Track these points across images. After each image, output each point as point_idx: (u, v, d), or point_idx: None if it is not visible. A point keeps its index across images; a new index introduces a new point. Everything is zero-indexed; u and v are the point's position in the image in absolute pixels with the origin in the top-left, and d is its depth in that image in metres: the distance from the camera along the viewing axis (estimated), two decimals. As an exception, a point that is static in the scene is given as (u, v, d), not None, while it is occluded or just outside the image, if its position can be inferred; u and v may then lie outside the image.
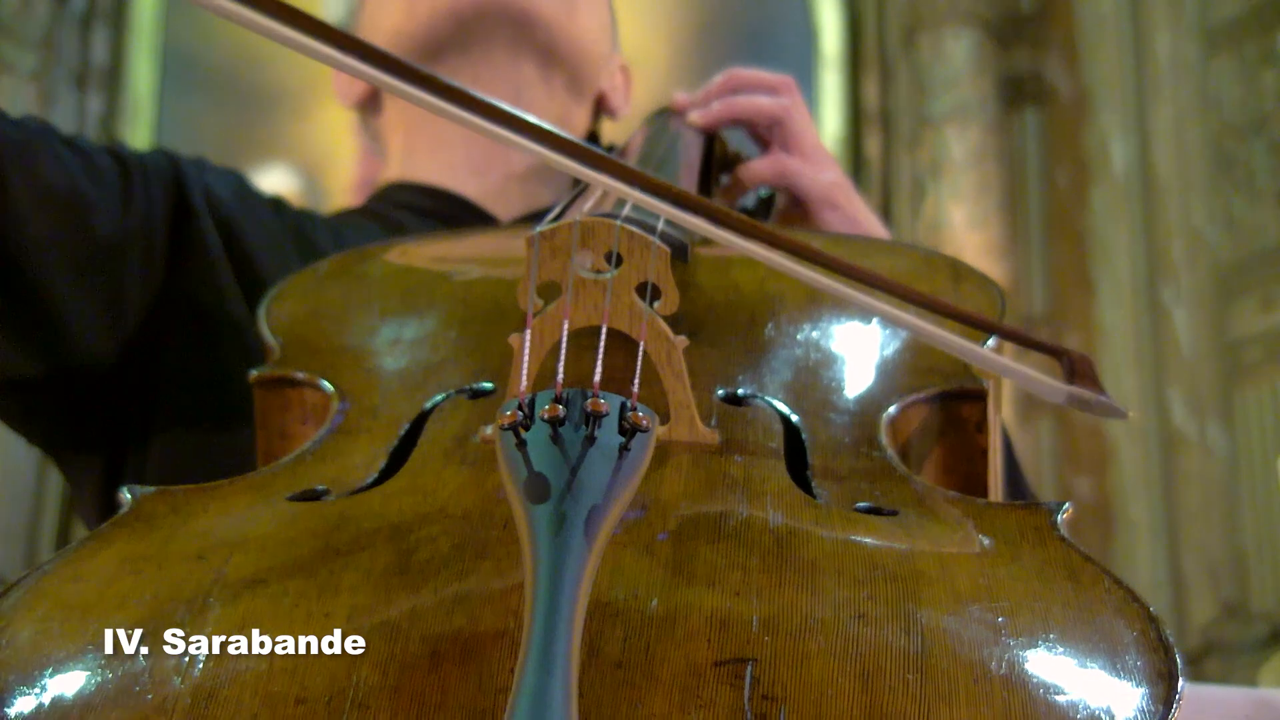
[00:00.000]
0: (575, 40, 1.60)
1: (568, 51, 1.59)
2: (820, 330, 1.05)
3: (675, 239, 1.05)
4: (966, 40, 5.11)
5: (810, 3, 5.51)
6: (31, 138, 1.31)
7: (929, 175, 5.03)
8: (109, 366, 1.35)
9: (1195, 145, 5.00)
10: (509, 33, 1.54)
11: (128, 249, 1.35)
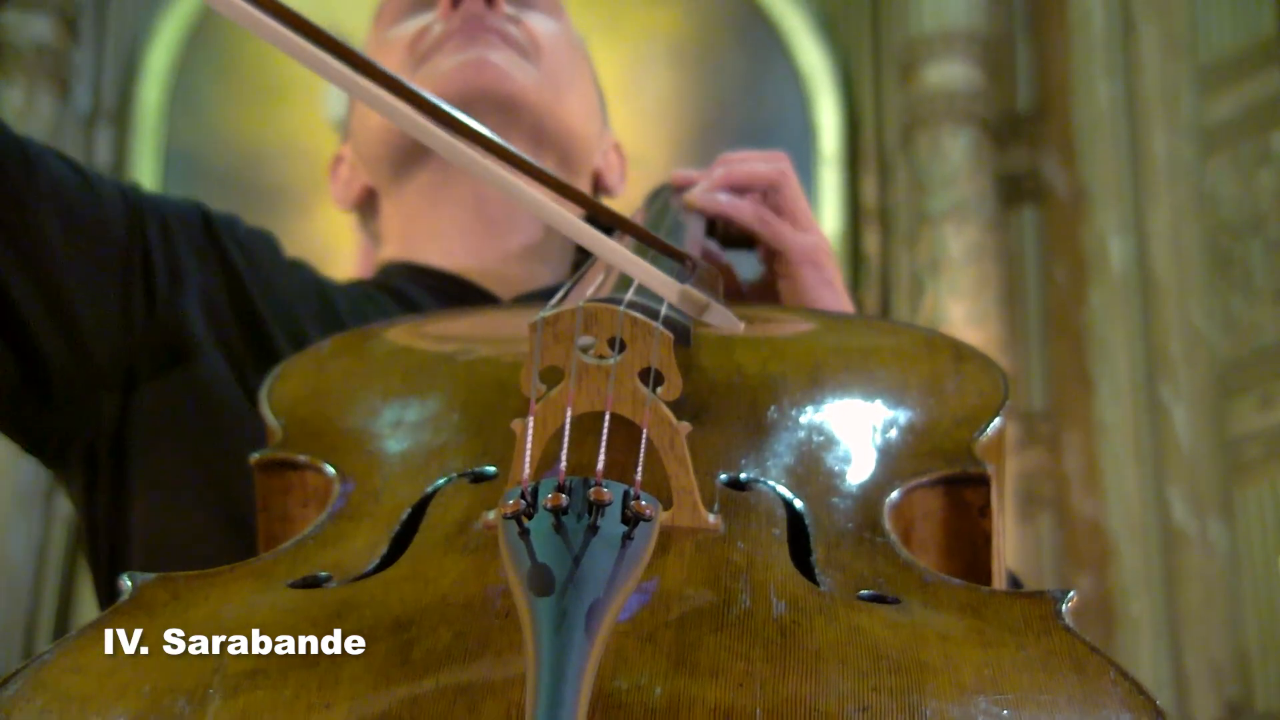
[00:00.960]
0: (563, 122, 1.61)
1: (557, 134, 1.60)
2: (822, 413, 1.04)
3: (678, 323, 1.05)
4: (964, 139, 5.14)
5: (808, 102, 5.55)
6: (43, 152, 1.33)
7: (928, 272, 5.05)
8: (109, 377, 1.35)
9: (1193, 244, 5.02)
10: (496, 119, 1.55)
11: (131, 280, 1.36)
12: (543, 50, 1.63)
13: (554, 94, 1.61)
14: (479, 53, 1.58)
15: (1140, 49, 5.28)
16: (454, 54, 1.58)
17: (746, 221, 1.44)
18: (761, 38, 5.68)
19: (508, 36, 1.61)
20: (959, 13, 5.22)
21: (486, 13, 1.61)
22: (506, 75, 1.58)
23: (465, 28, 1.60)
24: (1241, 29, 5.03)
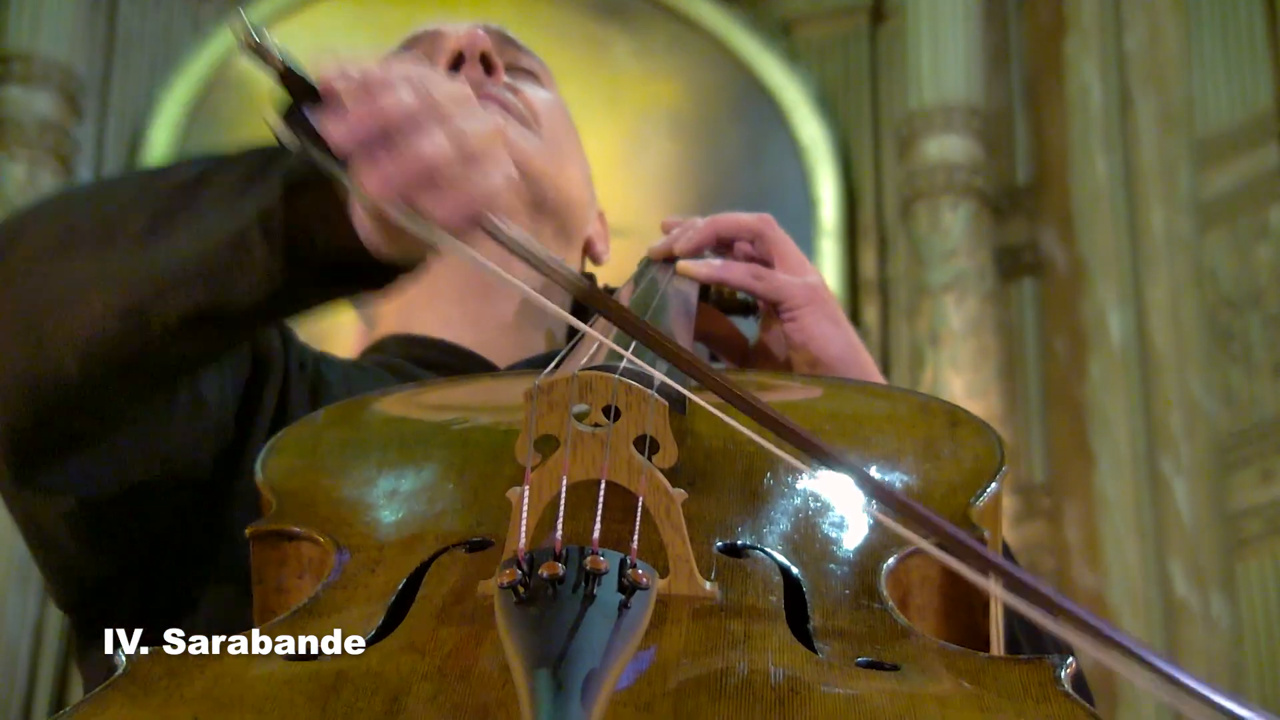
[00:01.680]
0: (563, 190, 1.62)
1: (556, 201, 1.61)
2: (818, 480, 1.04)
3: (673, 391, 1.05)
4: (963, 211, 5.15)
5: (808, 174, 5.57)
6: None
7: (928, 344, 5.05)
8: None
9: (1191, 318, 5.02)
10: None
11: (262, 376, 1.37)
12: (541, 119, 1.63)
13: (555, 162, 1.61)
14: None
15: (1137, 123, 5.30)
16: None
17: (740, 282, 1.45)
18: (761, 110, 5.71)
19: (508, 105, 1.61)
20: (958, 86, 5.24)
21: (486, 81, 1.61)
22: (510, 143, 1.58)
23: None
24: (1238, 104, 5.06)
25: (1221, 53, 5.13)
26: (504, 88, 1.62)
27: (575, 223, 1.64)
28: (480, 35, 1.62)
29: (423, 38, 1.70)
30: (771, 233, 1.48)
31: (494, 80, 1.62)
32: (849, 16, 5.85)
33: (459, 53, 1.61)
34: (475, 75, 1.61)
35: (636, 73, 5.70)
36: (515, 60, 1.69)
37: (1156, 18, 5.34)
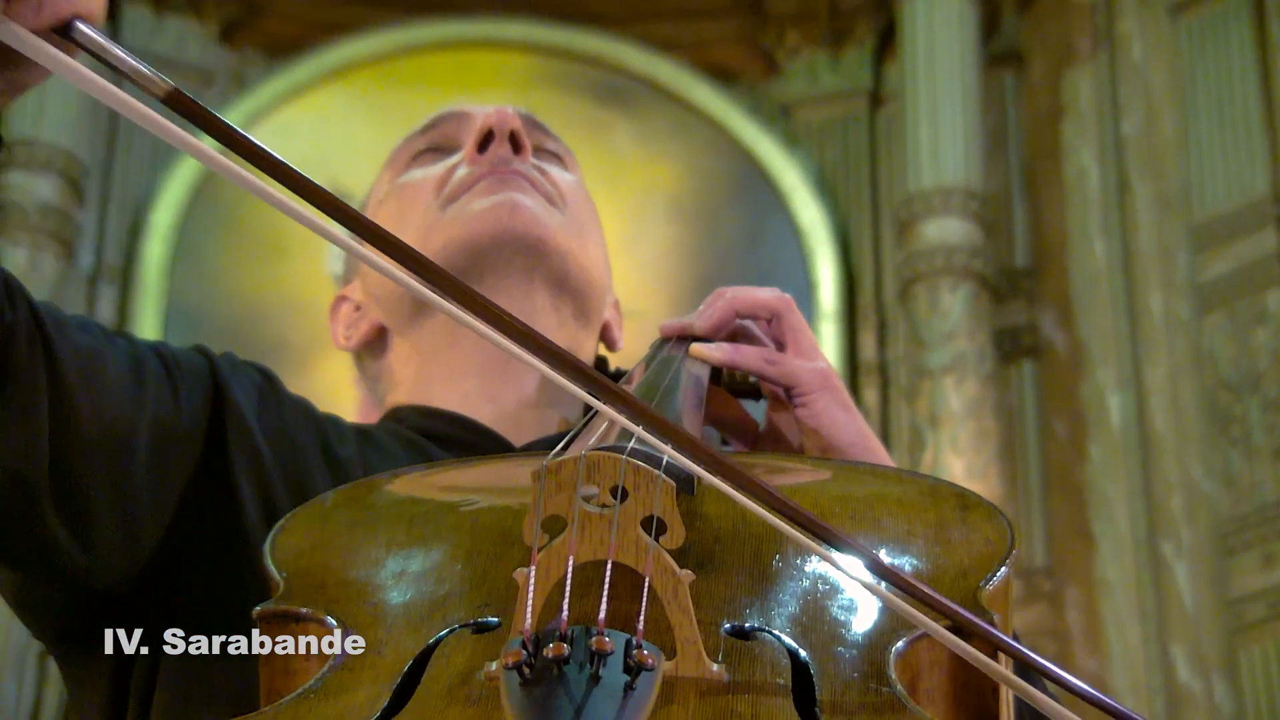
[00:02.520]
0: (585, 270, 1.62)
1: (579, 281, 1.61)
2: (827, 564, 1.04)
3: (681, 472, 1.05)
4: (962, 294, 5.16)
5: (807, 257, 5.58)
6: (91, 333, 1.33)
7: (927, 426, 5.05)
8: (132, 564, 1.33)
9: (1191, 401, 5.02)
10: (524, 262, 1.56)
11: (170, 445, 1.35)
12: (567, 199, 1.64)
13: (579, 241, 1.62)
14: (510, 195, 1.59)
15: (1135, 208, 5.32)
16: (485, 196, 1.60)
17: (753, 367, 1.45)
18: (761, 194, 5.73)
19: (535, 183, 1.62)
20: (956, 170, 5.27)
21: (514, 158, 1.62)
22: (537, 219, 1.59)
23: (494, 171, 1.61)
24: (1235, 189, 5.08)
25: (1218, 138, 5.16)
26: (531, 165, 1.64)
27: (594, 304, 1.64)
28: (509, 114, 1.64)
29: (448, 117, 1.72)
30: (790, 316, 1.49)
31: (521, 159, 1.63)
32: (848, 101, 5.88)
33: (489, 130, 1.63)
34: (504, 153, 1.62)
35: (637, 156, 5.73)
36: (541, 143, 1.70)
37: (1153, 103, 5.37)
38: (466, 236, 1.56)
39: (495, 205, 1.59)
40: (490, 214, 1.58)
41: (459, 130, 1.68)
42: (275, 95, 5.73)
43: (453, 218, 1.59)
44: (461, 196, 1.61)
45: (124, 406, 1.33)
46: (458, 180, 1.63)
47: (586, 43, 5.88)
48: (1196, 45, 5.29)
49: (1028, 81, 5.73)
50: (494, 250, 1.55)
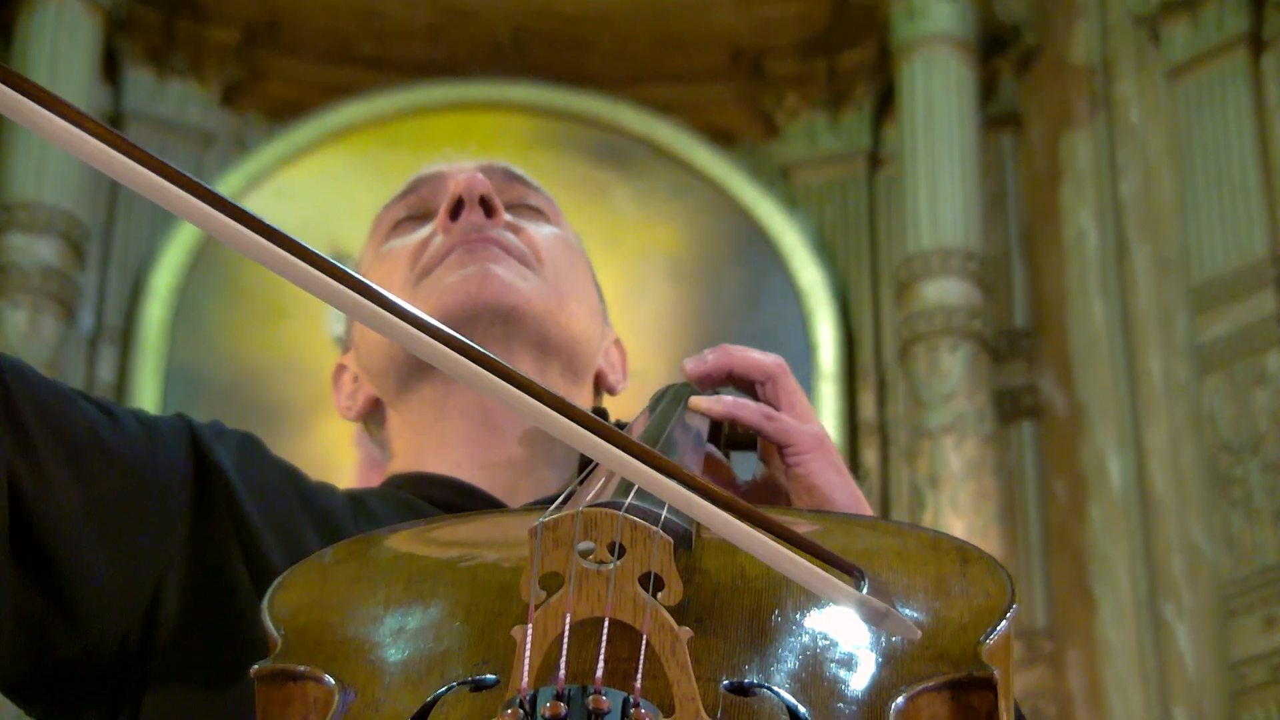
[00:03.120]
0: (566, 329, 1.62)
1: (560, 341, 1.61)
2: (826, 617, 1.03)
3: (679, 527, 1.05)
4: (962, 355, 5.17)
5: (807, 318, 5.59)
6: (60, 390, 1.33)
7: (927, 486, 5.04)
8: (114, 628, 1.33)
9: (1191, 463, 5.02)
10: (501, 331, 1.56)
11: (147, 505, 1.35)
12: (544, 258, 1.64)
13: (557, 302, 1.62)
14: (481, 266, 1.59)
15: (1134, 269, 5.33)
16: (456, 268, 1.59)
17: (753, 422, 1.45)
18: (760, 255, 5.75)
19: (509, 247, 1.61)
20: (955, 231, 5.28)
21: (487, 224, 1.61)
22: (510, 288, 1.58)
23: (466, 240, 1.60)
24: (1233, 251, 5.09)
25: (1216, 201, 5.17)
26: (505, 228, 1.63)
27: (582, 360, 1.64)
28: (479, 180, 1.63)
29: (425, 180, 1.71)
30: (785, 380, 1.48)
31: (494, 223, 1.62)
32: (847, 162, 5.91)
33: (459, 197, 1.63)
34: (476, 219, 1.62)
35: (636, 217, 5.75)
36: (521, 197, 1.70)
37: (1151, 166, 5.39)
38: (440, 311, 1.54)
39: (466, 278, 1.58)
40: (461, 286, 1.57)
41: (436, 193, 1.68)
42: (276, 157, 5.76)
43: (427, 292, 1.59)
44: (435, 269, 1.61)
45: (97, 460, 1.33)
46: (431, 252, 1.62)
47: (586, 104, 5.91)
48: (1194, 108, 5.31)
49: (1026, 143, 5.76)
50: (468, 323, 1.54)
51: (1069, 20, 5.70)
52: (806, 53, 5.94)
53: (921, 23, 5.51)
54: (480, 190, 1.62)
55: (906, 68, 5.53)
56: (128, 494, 1.34)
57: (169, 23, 5.83)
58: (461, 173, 1.67)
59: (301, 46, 5.97)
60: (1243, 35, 5.23)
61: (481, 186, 1.62)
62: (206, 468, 1.42)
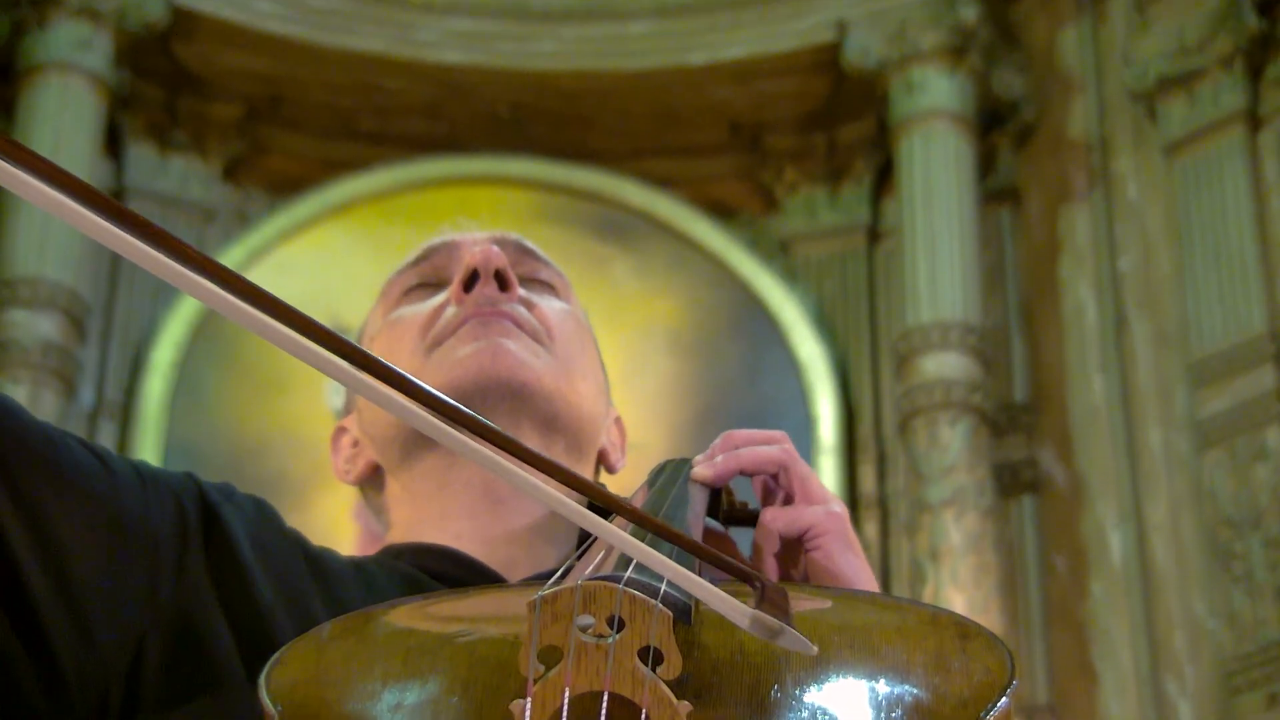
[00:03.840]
0: (574, 407, 1.61)
1: (568, 419, 1.60)
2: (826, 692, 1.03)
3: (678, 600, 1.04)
4: (962, 428, 5.17)
5: (807, 391, 5.59)
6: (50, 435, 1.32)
7: (928, 560, 5.03)
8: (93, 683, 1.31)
9: (1192, 538, 5.01)
10: (510, 407, 1.55)
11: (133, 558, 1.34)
12: (555, 335, 1.63)
13: (566, 380, 1.61)
14: (493, 340, 1.58)
15: (1133, 344, 5.35)
16: (468, 341, 1.59)
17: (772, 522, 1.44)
18: (760, 328, 5.76)
19: (522, 322, 1.61)
20: (954, 305, 5.30)
21: (501, 297, 1.61)
22: (522, 363, 1.58)
23: (479, 313, 1.60)
24: (1232, 326, 5.10)
25: (1215, 275, 5.19)
26: (519, 302, 1.63)
27: (587, 438, 1.63)
28: (495, 253, 1.63)
29: (439, 249, 1.71)
30: (795, 466, 1.47)
31: (508, 297, 1.62)
32: (846, 236, 5.93)
33: (474, 270, 1.62)
34: (490, 293, 1.61)
35: (636, 291, 5.77)
36: (532, 271, 1.69)
37: (1149, 240, 5.42)
38: (450, 383, 1.54)
39: (478, 351, 1.58)
40: (473, 360, 1.57)
41: (449, 262, 1.67)
42: (277, 232, 5.78)
43: (437, 363, 1.58)
44: (446, 340, 1.60)
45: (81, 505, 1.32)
46: (443, 323, 1.62)
47: (587, 179, 5.94)
48: (1191, 184, 5.34)
49: (1025, 218, 5.78)
50: (478, 397, 1.53)
51: (1066, 96, 5.73)
52: (805, 127, 5.98)
53: (920, 98, 5.54)
54: (496, 264, 1.62)
55: (905, 142, 5.56)
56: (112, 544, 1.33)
57: (171, 98, 5.86)
58: (475, 244, 1.66)
59: (303, 122, 6.00)
60: (1239, 112, 5.27)
61: (497, 260, 1.62)
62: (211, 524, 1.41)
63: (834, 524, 1.42)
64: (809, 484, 1.46)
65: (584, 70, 5.89)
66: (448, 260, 1.68)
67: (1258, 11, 5.30)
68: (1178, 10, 5.49)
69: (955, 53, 5.57)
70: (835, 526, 1.42)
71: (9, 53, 5.45)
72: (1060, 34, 5.80)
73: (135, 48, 5.59)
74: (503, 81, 5.94)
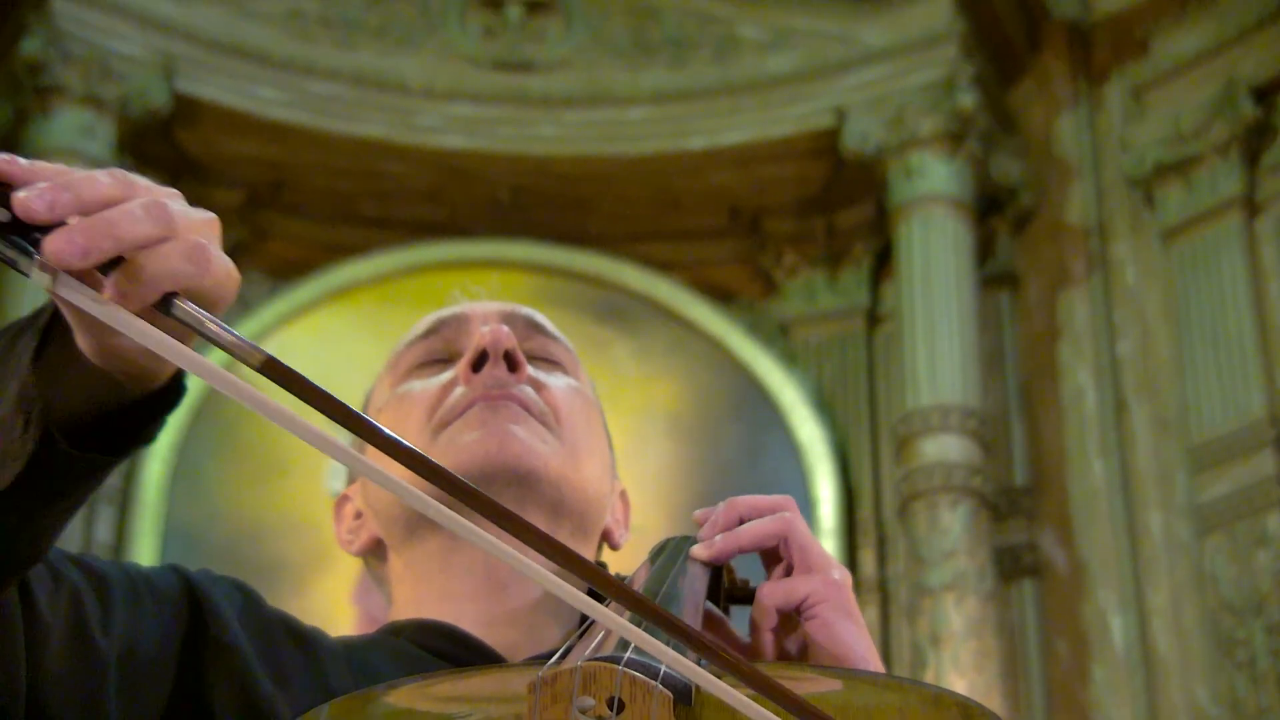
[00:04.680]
0: (581, 491, 1.60)
1: (574, 503, 1.59)
2: None
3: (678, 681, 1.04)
4: (962, 512, 5.15)
5: (806, 474, 5.58)
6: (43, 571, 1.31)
7: (929, 645, 5.00)
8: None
9: (1194, 624, 4.99)
10: (516, 493, 1.54)
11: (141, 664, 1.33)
12: (563, 419, 1.62)
13: (572, 464, 1.60)
14: (501, 426, 1.57)
15: (1132, 428, 5.35)
16: (475, 426, 1.57)
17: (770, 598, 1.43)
18: (759, 411, 5.75)
19: (529, 405, 1.59)
20: (954, 388, 5.29)
21: (509, 379, 1.59)
22: (529, 450, 1.56)
23: (487, 396, 1.58)
24: (1231, 411, 5.11)
25: (1213, 361, 5.20)
26: (527, 382, 1.61)
27: (592, 520, 1.62)
28: (504, 334, 1.61)
29: (449, 321, 1.69)
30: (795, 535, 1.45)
31: (517, 378, 1.61)
32: (845, 319, 5.94)
33: (483, 350, 1.61)
34: (499, 374, 1.60)
35: (637, 374, 5.77)
36: (541, 348, 1.68)
37: (1148, 325, 5.43)
38: (456, 469, 1.51)
39: (484, 437, 1.56)
40: (479, 446, 1.56)
41: (459, 335, 1.66)
42: (277, 316, 5.78)
43: (444, 446, 1.57)
44: (453, 423, 1.59)
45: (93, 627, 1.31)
46: (450, 404, 1.60)
47: (587, 263, 5.95)
48: (1189, 270, 5.36)
49: (1023, 302, 5.79)
50: (484, 484, 1.51)
51: (1064, 182, 5.76)
52: (804, 211, 6.00)
53: (919, 183, 5.57)
54: (505, 345, 1.60)
55: (904, 227, 5.58)
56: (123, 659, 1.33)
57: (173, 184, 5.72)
58: (485, 319, 1.65)
59: (304, 207, 6.03)
60: (1236, 198, 5.29)
61: (507, 341, 1.60)
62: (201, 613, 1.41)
63: (831, 592, 1.41)
64: (809, 553, 1.45)
65: (584, 155, 5.92)
66: (457, 334, 1.66)
67: (1254, 99, 5.34)
68: (1174, 97, 5.53)
69: (953, 139, 5.60)
70: (832, 594, 1.41)
71: (12, 140, 5.47)
72: (1057, 120, 5.83)
73: (138, 134, 5.61)
74: (504, 166, 5.97)
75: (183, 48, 5.70)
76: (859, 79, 5.80)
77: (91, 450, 1.10)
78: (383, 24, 5.98)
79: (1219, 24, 5.51)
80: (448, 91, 5.94)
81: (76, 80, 5.44)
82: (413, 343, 1.69)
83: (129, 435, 1.13)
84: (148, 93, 5.58)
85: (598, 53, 6.01)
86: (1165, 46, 5.64)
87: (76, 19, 5.52)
